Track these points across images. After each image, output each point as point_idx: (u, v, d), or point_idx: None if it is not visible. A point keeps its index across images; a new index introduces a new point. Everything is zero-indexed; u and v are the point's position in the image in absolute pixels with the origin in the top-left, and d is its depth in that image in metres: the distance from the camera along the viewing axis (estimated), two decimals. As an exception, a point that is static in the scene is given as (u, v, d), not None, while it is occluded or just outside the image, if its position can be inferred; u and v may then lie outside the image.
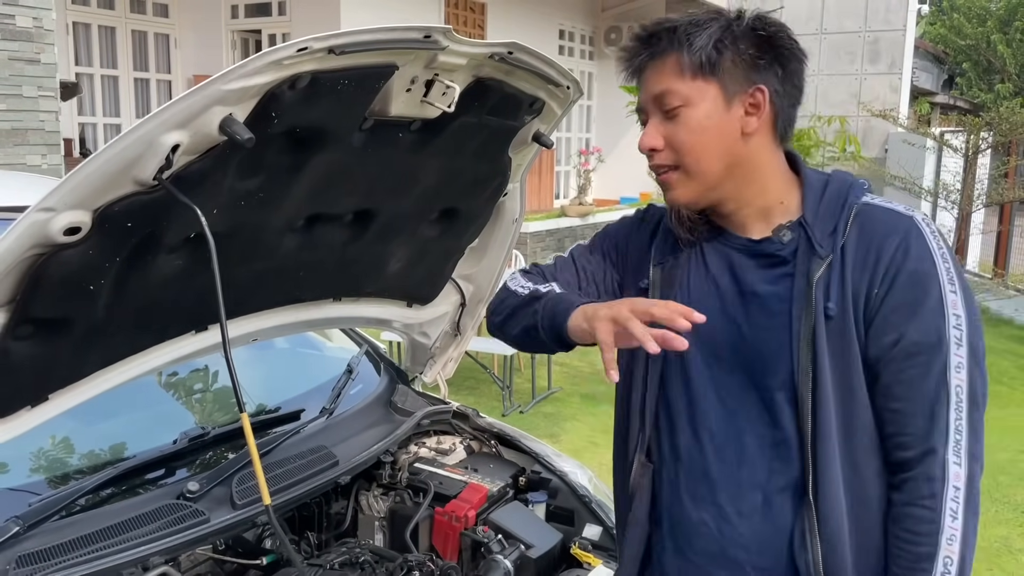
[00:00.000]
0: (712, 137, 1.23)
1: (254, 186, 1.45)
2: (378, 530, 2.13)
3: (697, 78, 1.21)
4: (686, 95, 1.22)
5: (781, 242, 1.27)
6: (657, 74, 1.24)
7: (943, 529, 1.16)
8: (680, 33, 1.22)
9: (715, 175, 1.25)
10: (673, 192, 1.28)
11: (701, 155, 1.24)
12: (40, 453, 1.85)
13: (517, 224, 2.20)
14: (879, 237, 1.22)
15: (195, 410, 2.27)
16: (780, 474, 1.26)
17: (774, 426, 1.26)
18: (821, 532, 1.23)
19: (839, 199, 1.26)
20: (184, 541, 1.65)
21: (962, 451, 1.18)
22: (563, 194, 13.57)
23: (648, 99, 1.27)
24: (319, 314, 2.03)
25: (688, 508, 1.34)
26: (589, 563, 1.98)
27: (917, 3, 13.24)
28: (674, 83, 1.23)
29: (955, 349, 1.18)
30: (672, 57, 1.23)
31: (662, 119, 1.25)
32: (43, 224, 1.22)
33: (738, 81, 1.22)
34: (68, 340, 1.42)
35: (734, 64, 1.22)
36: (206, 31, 9.93)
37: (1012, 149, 9.01)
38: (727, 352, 1.29)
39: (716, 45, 1.20)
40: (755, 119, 1.24)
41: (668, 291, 1.36)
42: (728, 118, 1.23)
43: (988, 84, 25.97)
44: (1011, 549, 3.98)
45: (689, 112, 1.23)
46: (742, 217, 1.30)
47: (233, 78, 1.23)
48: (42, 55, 5.89)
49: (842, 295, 1.21)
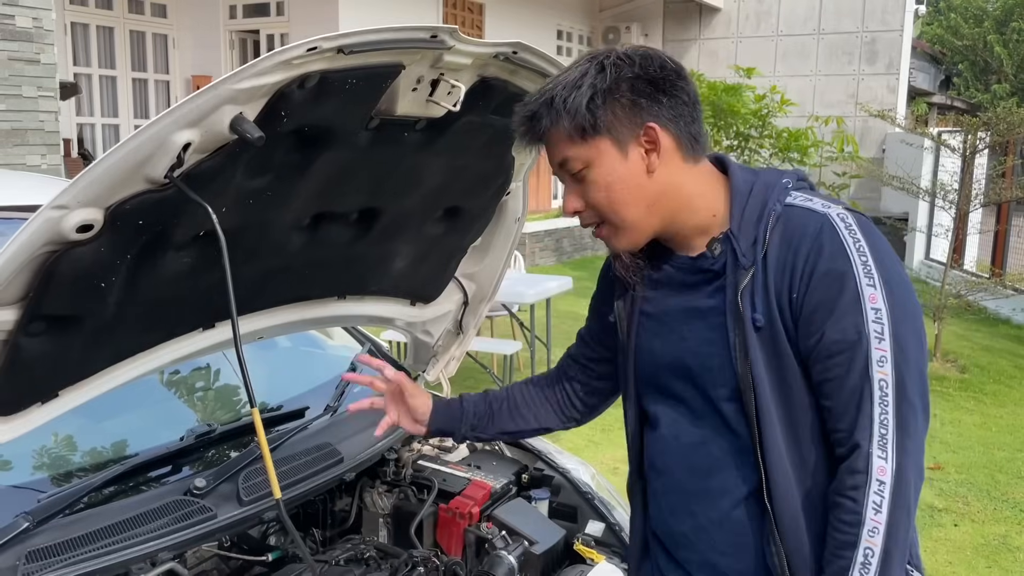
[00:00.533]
0: (621, 188, 1.26)
1: (262, 184, 1.47)
2: (382, 527, 2.14)
3: (587, 139, 1.24)
4: (584, 157, 1.25)
5: (713, 256, 1.29)
6: (552, 145, 1.28)
7: (864, 521, 1.17)
8: (557, 104, 1.24)
9: (639, 219, 1.28)
10: (611, 243, 1.33)
11: (619, 207, 1.27)
12: (49, 450, 1.86)
13: (519, 223, 2.22)
14: (796, 240, 1.23)
15: (201, 408, 2.29)
16: (746, 480, 1.30)
17: (732, 434, 1.30)
18: (781, 534, 1.26)
19: (761, 206, 1.27)
20: (191, 537, 1.66)
21: (888, 445, 1.17)
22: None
23: (555, 168, 1.31)
24: (324, 312, 2.04)
25: (668, 520, 1.41)
26: (592, 559, 1.99)
27: (914, 3, 13.27)
28: (568, 150, 1.26)
29: (876, 343, 1.18)
30: (557, 128, 1.25)
31: (574, 182, 1.29)
32: (56, 221, 1.23)
33: (625, 127, 1.24)
34: (78, 337, 1.43)
35: (615, 114, 1.23)
36: (204, 31, 9.95)
37: (1009, 149, 9.03)
38: (684, 369, 1.34)
39: (589, 106, 1.22)
40: (655, 155, 1.25)
41: (631, 321, 1.42)
42: (629, 165, 1.25)
43: (985, 84, 26.04)
44: (1009, 547, 4.00)
45: (593, 172, 1.26)
46: (682, 238, 1.33)
47: (244, 77, 1.24)
48: (42, 55, 5.90)
49: (767, 304, 1.23)
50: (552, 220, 11.51)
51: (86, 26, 9.11)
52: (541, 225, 11.16)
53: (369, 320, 2.23)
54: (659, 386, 1.39)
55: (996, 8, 26.98)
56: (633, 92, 1.23)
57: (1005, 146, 8.77)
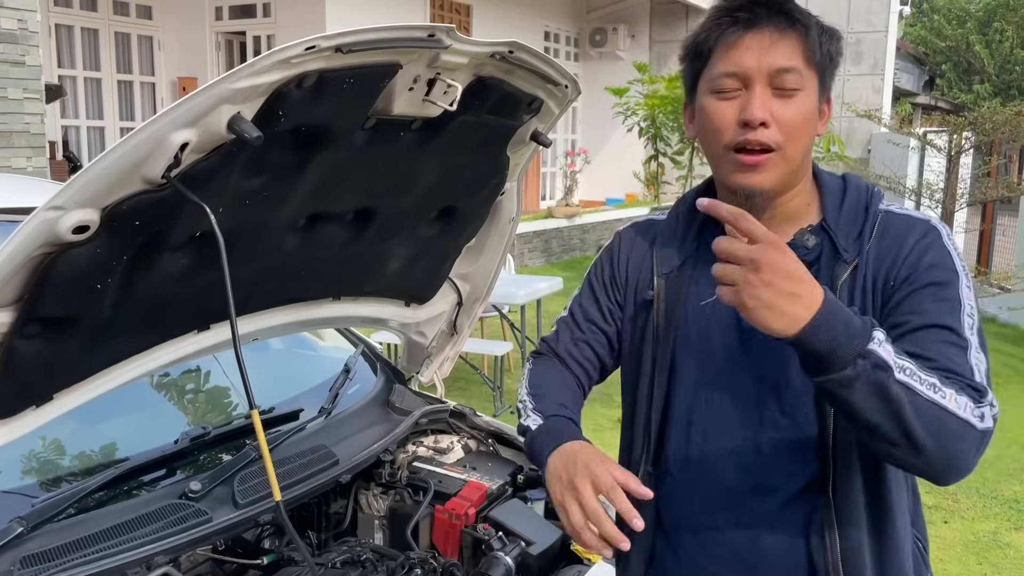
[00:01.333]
0: (809, 128, 1.24)
1: (259, 185, 1.46)
2: (378, 529, 2.13)
3: (813, 68, 1.22)
4: (804, 80, 1.22)
5: (805, 246, 1.26)
6: (785, 48, 1.21)
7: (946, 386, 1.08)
8: (814, 20, 1.23)
9: (801, 161, 1.26)
10: (762, 175, 1.23)
11: (800, 142, 1.23)
12: (43, 454, 1.84)
13: (514, 224, 2.22)
14: (900, 238, 1.23)
15: (194, 410, 2.27)
16: (798, 476, 1.26)
17: (793, 428, 1.26)
18: (840, 529, 1.23)
19: (861, 204, 1.28)
20: (186, 541, 1.65)
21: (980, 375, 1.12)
22: (549, 195, 13.60)
23: (764, 67, 1.20)
24: (319, 313, 2.03)
25: (699, 515, 1.33)
26: (589, 559, 1.99)
27: (899, 5, 13.36)
28: (802, 64, 1.21)
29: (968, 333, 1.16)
30: (806, 38, 1.21)
31: (776, 95, 1.21)
32: (52, 223, 1.22)
33: (827, 84, 1.26)
34: (74, 339, 1.42)
35: (832, 68, 1.26)
36: (190, 33, 9.89)
37: (994, 149, 9.11)
38: (744, 357, 1.29)
39: (832, 45, 1.24)
40: (822, 124, 1.28)
41: (675, 302, 1.34)
42: (816, 115, 1.26)
43: (968, 85, 26.24)
44: (1000, 543, 4.03)
45: (803, 97, 1.22)
46: (770, 218, 1.28)
47: (241, 77, 1.23)
48: (27, 57, 5.86)
49: (864, 299, 1.22)
50: (541, 221, 11.52)
51: (70, 28, 9.04)
52: (530, 226, 11.17)
53: (363, 321, 2.22)
54: (708, 377, 1.31)
55: (979, 9, 27.21)
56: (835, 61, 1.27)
57: (990, 146, 8.84)
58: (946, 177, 7.54)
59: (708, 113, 1.26)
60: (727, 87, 1.23)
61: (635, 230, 1.48)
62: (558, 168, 13.41)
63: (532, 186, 12.48)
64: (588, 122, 14.16)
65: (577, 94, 1.85)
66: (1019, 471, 4.92)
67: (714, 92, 1.25)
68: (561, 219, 11.87)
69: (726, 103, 1.23)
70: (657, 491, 1.37)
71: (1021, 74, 25.15)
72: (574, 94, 1.84)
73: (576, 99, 1.88)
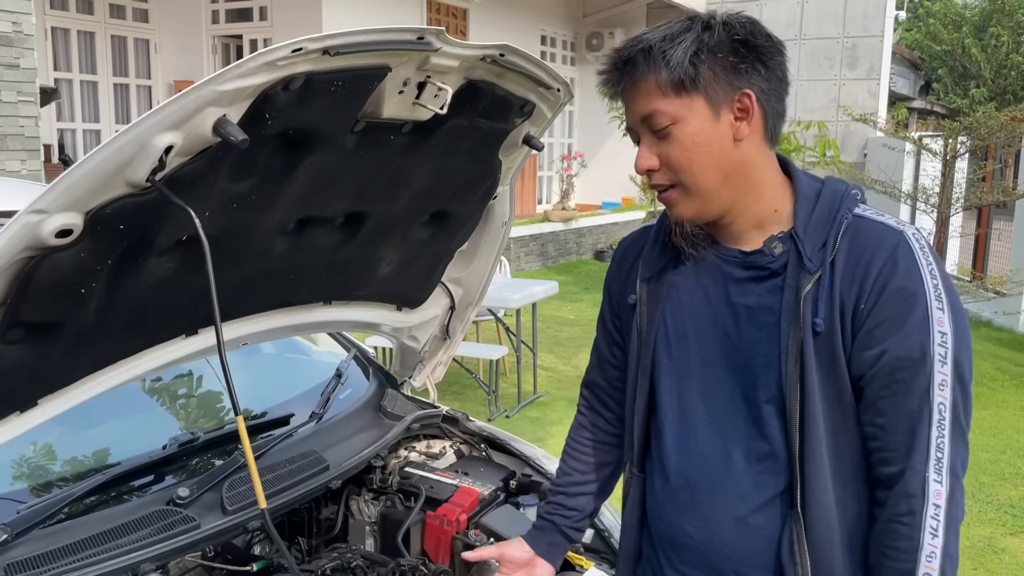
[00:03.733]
0: (706, 151, 1.21)
1: (246, 188, 1.44)
2: (368, 535, 2.11)
3: (681, 94, 1.20)
4: (673, 113, 1.20)
5: (772, 255, 1.26)
6: (640, 97, 1.23)
7: (922, 546, 1.16)
8: (655, 53, 1.20)
9: (714, 188, 1.24)
10: (675, 209, 1.27)
11: (698, 171, 1.22)
12: (28, 460, 1.82)
13: (506, 227, 2.21)
14: (868, 252, 1.20)
15: (183, 415, 2.25)
16: (767, 487, 1.27)
17: (762, 439, 1.26)
18: (810, 543, 1.23)
19: (831, 212, 1.25)
20: (175, 547, 1.64)
21: (943, 469, 1.16)
22: (546, 199, 13.59)
23: (636, 121, 1.25)
24: (309, 318, 2.02)
25: (673, 519, 1.35)
26: (582, 565, 1.97)
27: (894, 9, 13.38)
28: (658, 103, 1.21)
29: (939, 367, 1.17)
30: (651, 78, 1.20)
31: (653, 139, 1.24)
32: (35, 226, 1.20)
33: (722, 89, 1.20)
34: (58, 344, 1.40)
35: (715, 74, 1.19)
36: (187, 36, 9.87)
37: (989, 153, 9.12)
38: (717, 363, 1.30)
39: (692, 59, 1.18)
40: (745, 124, 1.22)
41: (655, 305, 1.36)
42: (718, 128, 1.21)
43: (963, 89, 26.31)
44: (995, 548, 4.02)
45: (679, 129, 1.21)
46: (737, 227, 1.29)
47: (227, 79, 1.22)
48: (22, 60, 5.84)
49: (830, 311, 1.20)
50: (537, 225, 11.51)
51: (67, 31, 9.02)
52: (526, 230, 11.16)
53: (355, 326, 2.21)
54: (683, 380, 1.33)
55: (974, 14, 27.29)
56: (736, 55, 1.20)
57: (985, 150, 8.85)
58: (941, 181, 7.54)
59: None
60: (633, 139, 1.30)
61: (631, 237, 1.50)
62: (554, 172, 13.40)
63: (528, 190, 12.47)
64: (584, 126, 14.16)
65: (569, 97, 1.84)
66: (1014, 476, 4.92)
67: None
68: (557, 223, 11.86)
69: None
70: (642, 493, 1.42)
71: (1016, 79, 25.20)
72: (566, 97, 1.83)
73: (568, 102, 1.87)
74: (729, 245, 1.31)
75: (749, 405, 1.27)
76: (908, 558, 1.17)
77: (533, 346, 6.08)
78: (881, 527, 1.21)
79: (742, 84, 1.20)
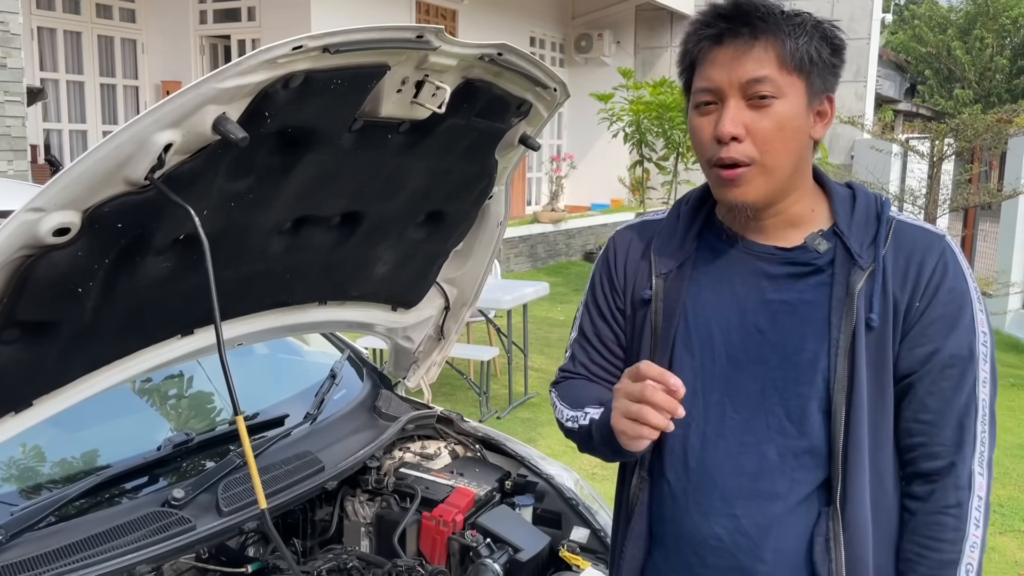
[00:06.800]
0: (793, 136, 1.20)
1: (244, 187, 1.44)
2: (364, 536, 2.11)
3: (793, 73, 1.18)
4: (781, 87, 1.18)
5: (817, 251, 1.25)
6: (754, 58, 1.18)
7: (967, 537, 1.19)
8: (786, 22, 1.18)
9: (787, 174, 1.23)
10: (741, 188, 1.22)
11: (782, 152, 1.20)
12: (22, 461, 1.81)
13: (501, 227, 2.20)
14: (919, 252, 1.23)
15: (177, 416, 2.24)
16: (802, 484, 1.24)
17: (800, 435, 1.24)
18: (846, 540, 1.22)
19: (872, 211, 1.27)
20: (170, 549, 1.63)
21: (985, 462, 1.22)
22: (535, 200, 13.60)
23: (735, 81, 1.19)
24: (304, 318, 2.01)
25: (698, 522, 1.30)
26: (578, 565, 1.97)
27: (881, 12, 13.46)
28: (775, 72, 1.18)
29: (983, 364, 1.23)
30: (778, 44, 1.18)
31: (749, 107, 1.19)
32: (32, 224, 1.19)
33: (819, 85, 1.21)
34: (55, 344, 1.39)
35: (821, 67, 1.20)
36: (174, 37, 9.82)
37: (975, 155, 9.20)
38: (747, 361, 1.27)
39: (816, 44, 1.19)
40: (821, 126, 1.24)
41: (674, 302, 1.32)
42: (807, 119, 1.22)
43: (948, 92, 26.50)
44: (988, 548, 4.04)
45: (779, 105, 1.18)
46: (774, 223, 1.28)
47: (227, 76, 1.22)
48: (8, 60, 5.79)
49: (883, 306, 1.22)
50: (527, 226, 11.51)
51: (53, 31, 8.96)
52: (516, 231, 11.16)
53: (349, 326, 2.20)
54: (707, 379, 1.29)
55: (959, 17, 27.49)
56: (836, 58, 1.23)
57: (971, 152, 8.92)
58: (928, 183, 7.59)
59: (692, 129, 1.27)
60: (704, 102, 1.23)
61: (631, 231, 1.44)
62: (544, 173, 13.42)
63: (518, 191, 12.47)
64: (574, 127, 14.18)
65: (566, 97, 1.84)
66: (1002, 475, 4.95)
67: (696, 107, 1.25)
68: (547, 224, 11.87)
69: (705, 118, 1.23)
70: (651, 497, 1.36)
71: (1001, 81, 25.42)
72: (563, 97, 1.83)
73: (565, 102, 1.87)
74: (761, 242, 1.29)
75: (787, 402, 1.25)
76: (953, 548, 1.19)
77: (524, 347, 6.08)
78: (924, 519, 1.22)
79: (831, 87, 1.24)
